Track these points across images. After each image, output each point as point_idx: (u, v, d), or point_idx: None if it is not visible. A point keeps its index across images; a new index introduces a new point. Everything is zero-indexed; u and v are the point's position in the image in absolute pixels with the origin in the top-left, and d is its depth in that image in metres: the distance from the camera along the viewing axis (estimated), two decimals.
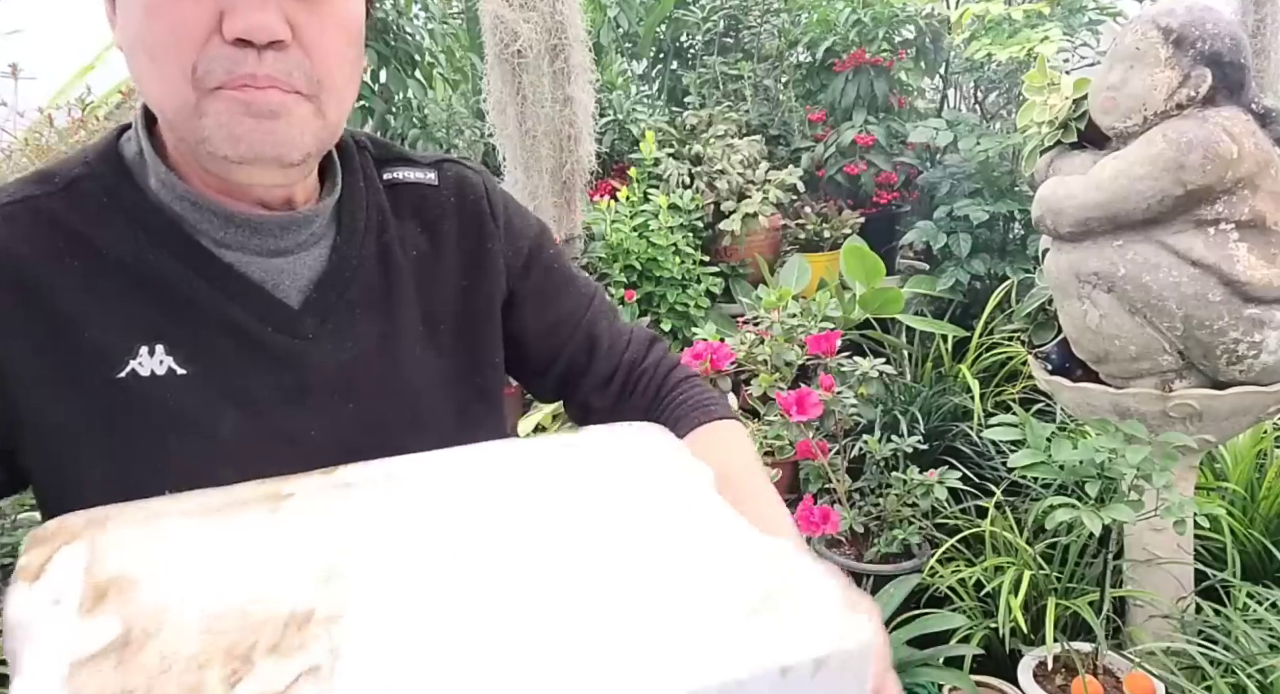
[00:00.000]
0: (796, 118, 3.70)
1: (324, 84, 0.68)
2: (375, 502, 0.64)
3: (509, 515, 0.63)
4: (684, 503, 0.64)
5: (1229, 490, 2.17)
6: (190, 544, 0.58)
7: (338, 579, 0.55)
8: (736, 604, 0.53)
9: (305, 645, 0.49)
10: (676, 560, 0.58)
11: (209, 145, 0.66)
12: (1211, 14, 1.66)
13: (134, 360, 0.68)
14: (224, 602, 0.52)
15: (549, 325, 0.90)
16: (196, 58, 0.64)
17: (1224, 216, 1.63)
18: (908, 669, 1.80)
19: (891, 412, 2.58)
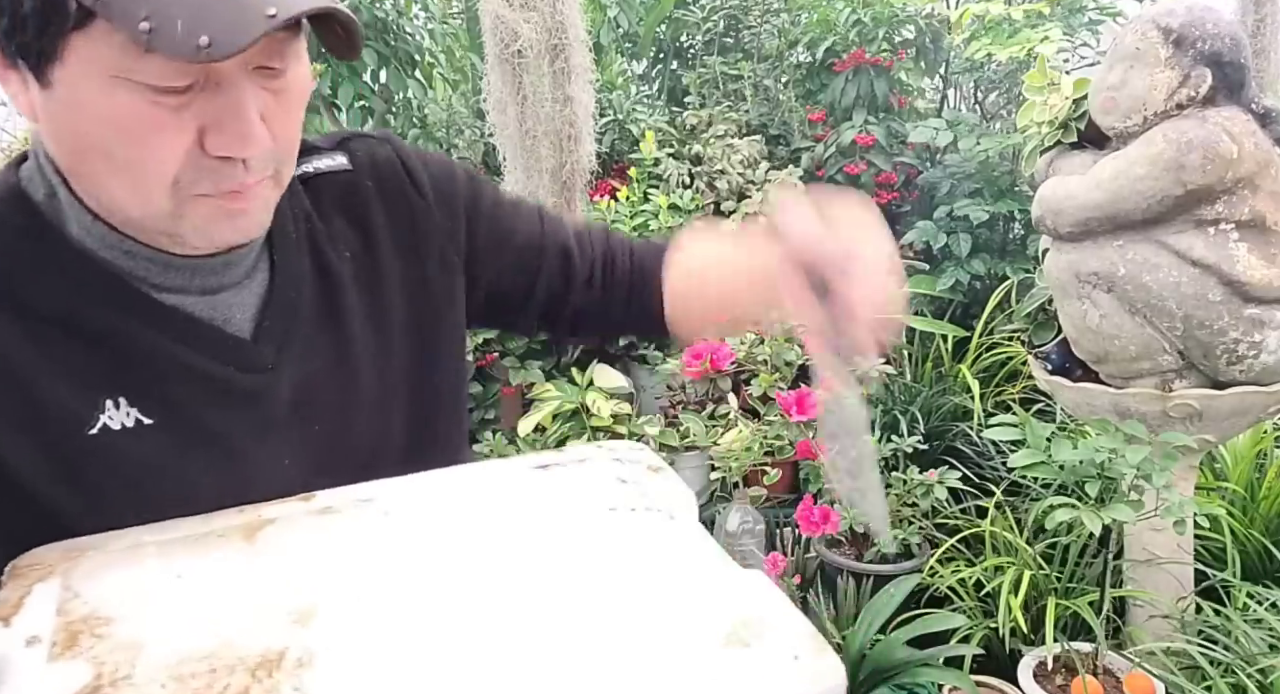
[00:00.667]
0: (796, 118, 3.70)
1: (285, 158, 0.68)
2: (353, 529, 0.64)
3: (483, 544, 0.62)
4: (658, 530, 0.63)
5: (1229, 490, 2.17)
6: (166, 579, 0.58)
7: (311, 618, 0.54)
8: (713, 633, 0.51)
9: (276, 690, 0.48)
10: (649, 590, 0.57)
11: (182, 240, 0.65)
12: (1211, 14, 1.66)
13: (103, 415, 0.65)
14: (196, 643, 0.52)
15: (515, 262, 0.89)
16: (178, 172, 0.61)
17: (1224, 217, 1.63)
18: (908, 669, 1.80)
19: (891, 411, 2.58)
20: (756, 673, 0.48)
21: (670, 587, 0.56)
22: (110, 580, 0.57)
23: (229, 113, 0.60)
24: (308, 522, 0.64)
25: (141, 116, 0.58)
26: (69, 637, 0.52)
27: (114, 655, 0.50)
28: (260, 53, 0.60)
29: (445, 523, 0.64)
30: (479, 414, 2.96)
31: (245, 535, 0.62)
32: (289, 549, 0.61)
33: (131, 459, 0.66)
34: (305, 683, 0.48)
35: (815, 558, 2.29)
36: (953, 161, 3.35)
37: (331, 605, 0.55)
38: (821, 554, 2.25)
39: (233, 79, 0.60)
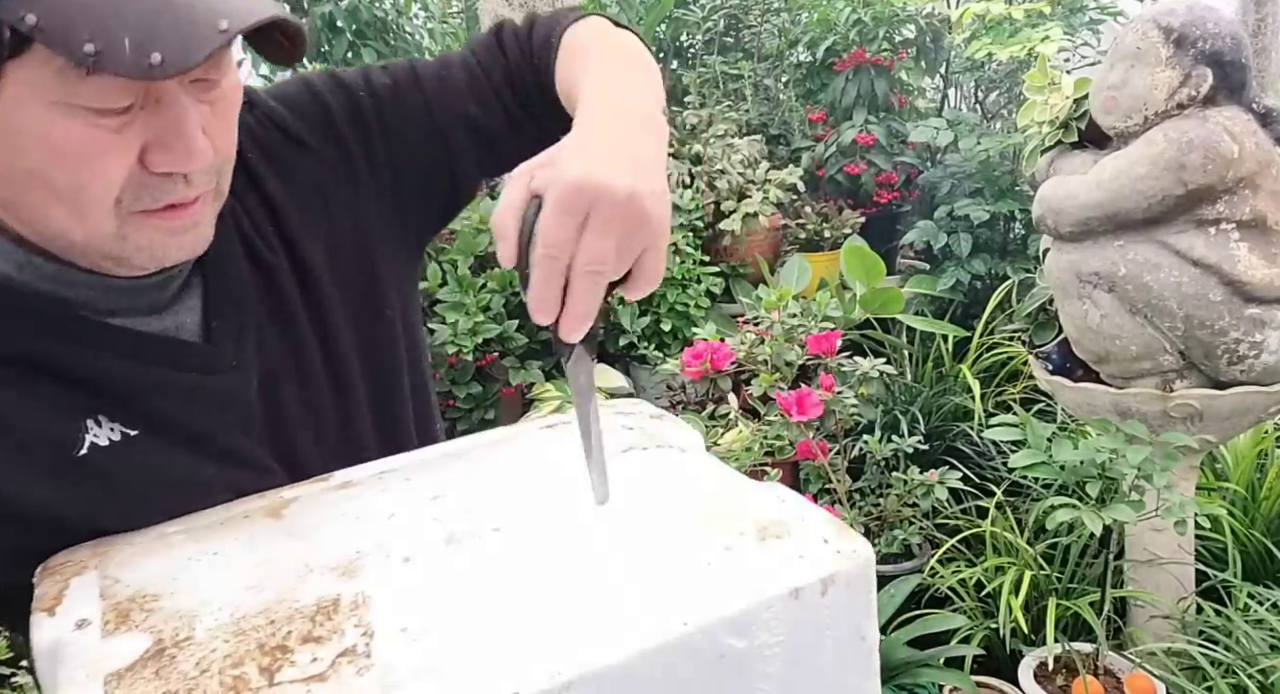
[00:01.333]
0: (797, 117, 3.70)
1: (224, 169, 0.67)
2: (377, 496, 0.65)
3: (511, 489, 0.64)
4: (674, 461, 0.66)
5: (1230, 490, 2.17)
6: (203, 557, 0.59)
7: (356, 570, 0.56)
8: (744, 536, 0.56)
9: (339, 630, 0.50)
10: (681, 506, 0.60)
11: (127, 262, 0.64)
12: (1212, 14, 1.66)
13: (88, 434, 0.65)
14: (248, 604, 0.53)
15: (424, 154, 0.83)
16: (120, 192, 0.60)
17: (1225, 216, 1.62)
18: (908, 669, 1.80)
19: (892, 412, 2.58)
20: (796, 557, 0.53)
21: (700, 500, 0.61)
22: (147, 565, 0.58)
23: (171, 129, 0.59)
24: (329, 496, 0.66)
25: (83, 140, 0.57)
26: (119, 615, 0.53)
27: (169, 624, 0.52)
28: (199, 69, 0.59)
29: (468, 479, 0.66)
30: (479, 414, 2.96)
31: (270, 514, 0.64)
32: (317, 519, 0.62)
33: (129, 469, 0.66)
34: (365, 618, 0.50)
35: None
36: (953, 161, 3.34)
37: (373, 557, 0.57)
38: None
39: (173, 95, 0.59)
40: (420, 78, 0.82)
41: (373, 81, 0.81)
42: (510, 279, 2.98)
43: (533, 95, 0.81)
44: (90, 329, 0.66)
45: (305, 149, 0.78)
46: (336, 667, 0.47)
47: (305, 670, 0.47)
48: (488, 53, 0.83)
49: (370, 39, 3.38)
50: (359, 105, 0.80)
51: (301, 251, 0.76)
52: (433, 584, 0.54)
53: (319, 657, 0.48)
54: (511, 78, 0.82)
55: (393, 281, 0.83)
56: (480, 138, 0.83)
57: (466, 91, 0.82)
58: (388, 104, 0.81)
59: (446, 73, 0.82)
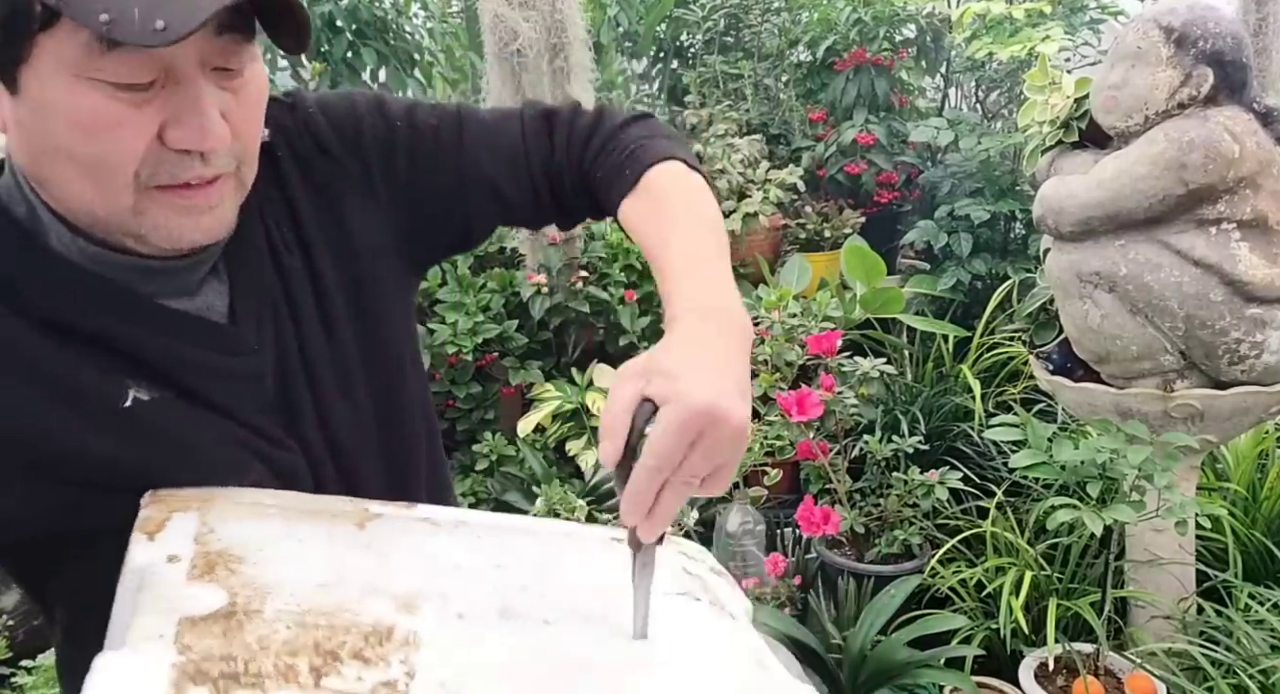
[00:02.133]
0: (797, 117, 3.70)
1: (246, 158, 0.70)
2: (450, 544, 0.68)
3: (567, 590, 0.66)
4: (725, 625, 0.67)
5: (1231, 491, 2.16)
6: (289, 537, 0.63)
7: (414, 608, 0.59)
8: None
9: (386, 659, 0.53)
10: (716, 668, 0.61)
11: (145, 240, 0.67)
12: (1213, 13, 1.66)
13: (131, 390, 0.69)
14: (316, 600, 0.57)
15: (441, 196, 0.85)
16: (138, 166, 0.63)
17: (1226, 216, 1.62)
18: (909, 670, 1.80)
19: (892, 412, 2.58)
20: None
21: (736, 673, 0.61)
22: (241, 527, 0.62)
23: (188, 107, 0.63)
24: (410, 525, 0.69)
25: (104, 113, 0.61)
26: (207, 564, 0.57)
27: (245, 590, 0.56)
28: (217, 54, 0.64)
29: (532, 560, 0.68)
30: (479, 414, 2.96)
31: (356, 522, 0.67)
32: (395, 544, 0.66)
33: (171, 424, 0.70)
34: (411, 658, 0.53)
35: (816, 558, 2.28)
36: (954, 161, 3.34)
37: (433, 602, 0.60)
38: (822, 555, 2.24)
39: (191, 77, 0.63)
40: (464, 133, 0.85)
41: (416, 118, 0.84)
42: (510, 279, 2.98)
43: (569, 195, 0.85)
44: (128, 302, 0.70)
45: (331, 158, 0.81)
46: (375, 692, 0.50)
47: (349, 685, 0.50)
48: (535, 136, 0.85)
49: (370, 39, 3.37)
50: (394, 136, 0.83)
51: (314, 256, 0.80)
52: (477, 650, 0.56)
53: (363, 677, 0.51)
54: (550, 172, 0.85)
55: (394, 295, 0.85)
56: (503, 206, 0.86)
57: (504, 164, 0.84)
58: (423, 145, 0.83)
59: (491, 139, 0.85)
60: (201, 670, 0.49)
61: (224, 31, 0.64)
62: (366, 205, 0.82)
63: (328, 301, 0.79)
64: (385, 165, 0.82)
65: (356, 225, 0.81)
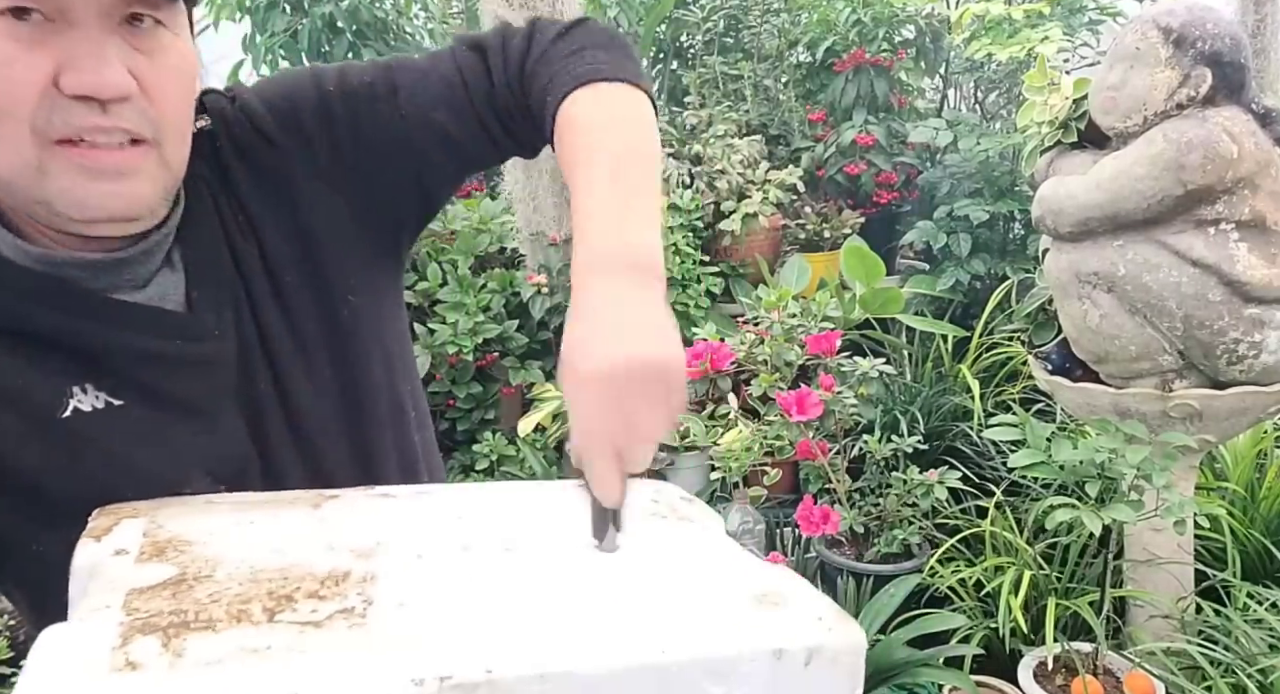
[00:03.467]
0: (796, 118, 3.70)
1: (166, 131, 0.67)
2: (410, 507, 0.68)
3: (532, 525, 0.66)
4: (694, 532, 0.68)
5: (1229, 490, 2.17)
6: (240, 524, 0.63)
7: (372, 554, 0.59)
8: (742, 598, 0.56)
9: (343, 594, 0.54)
10: (686, 563, 0.62)
11: (54, 207, 0.65)
12: (1211, 14, 1.66)
13: (73, 400, 0.68)
14: (269, 561, 0.57)
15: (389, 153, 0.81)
16: (33, 113, 0.62)
17: (1224, 216, 1.63)
18: (908, 669, 1.80)
19: (891, 412, 2.58)
20: (786, 624, 0.54)
21: (707, 563, 0.62)
22: (191, 520, 0.63)
23: (84, 51, 0.62)
24: (368, 501, 0.70)
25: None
26: (155, 549, 0.58)
27: (195, 563, 0.57)
28: (121, 2, 0.62)
29: (496, 509, 0.69)
30: (479, 414, 2.96)
31: (311, 503, 0.68)
32: (351, 515, 0.66)
33: (110, 437, 0.69)
34: (369, 591, 0.54)
35: (815, 558, 2.29)
36: (953, 161, 3.34)
37: (392, 548, 0.60)
38: (821, 554, 2.25)
39: (87, 22, 0.62)
40: (397, 82, 0.80)
41: (348, 80, 0.81)
42: (510, 279, 2.99)
43: (519, 123, 0.80)
44: (77, 298, 0.69)
45: (272, 145, 0.78)
46: (332, 620, 0.51)
47: (303, 617, 0.51)
48: (471, 70, 0.80)
49: (370, 39, 3.37)
50: (329, 104, 0.79)
51: (268, 243, 0.78)
52: (439, 577, 0.57)
53: (319, 610, 0.52)
54: (495, 104, 0.80)
55: (359, 276, 0.83)
56: (452, 149, 0.81)
57: (444, 106, 0.80)
58: (360, 104, 0.80)
59: (424, 81, 0.80)
60: (150, 624, 0.49)
61: None
62: (316, 186, 0.79)
63: (284, 287, 0.78)
64: (327, 137, 0.79)
65: (308, 209, 0.79)
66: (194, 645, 0.47)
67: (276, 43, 3.34)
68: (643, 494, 0.73)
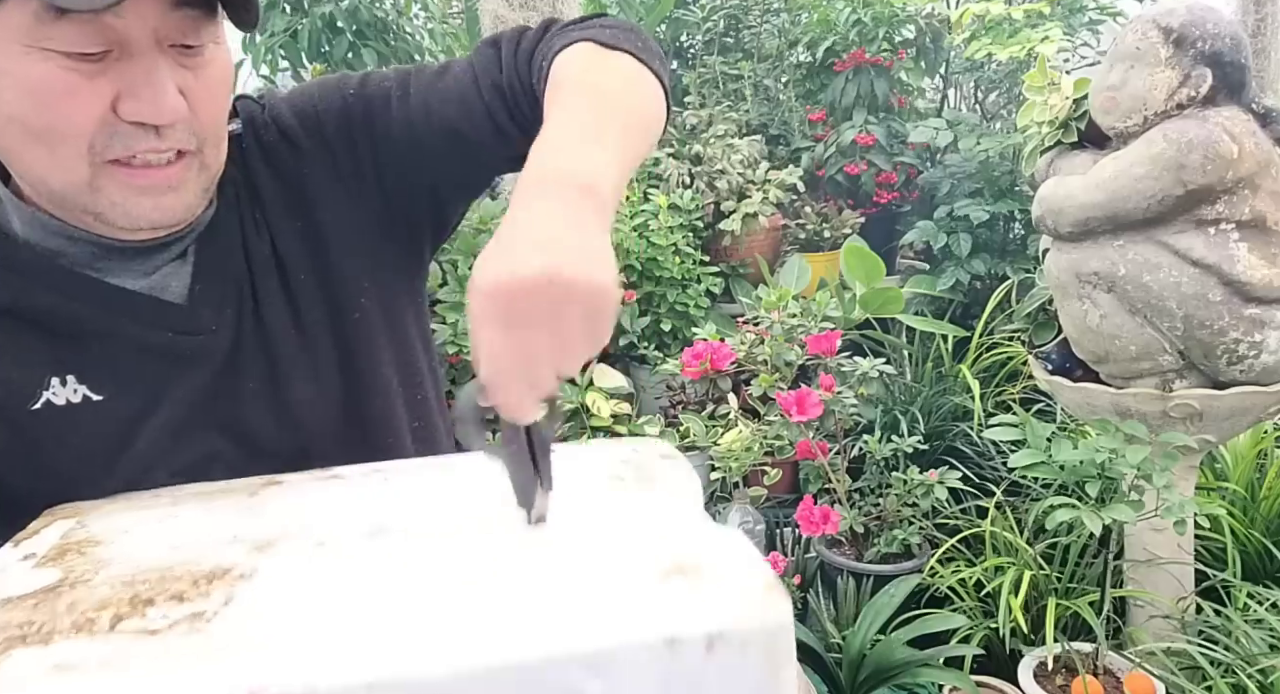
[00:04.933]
0: (796, 117, 3.70)
1: (208, 138, 0.70)
2: (351, 490, 0.67)
3: (470, 501, 0.63)
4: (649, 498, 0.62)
5: (1229, 490, 2.17)
6: (165, 517, 0.62)
7: (270, 546, 0.57)
8: (648, 574, 0.50)
9: (206, 595, 0.52)
10: (613, 537, 0.56)
11: (105, 218, 0.67)
12: (1212, 14, 1.66)
13: (47, 391, 0.68)
14: (156, 560, 0.56)
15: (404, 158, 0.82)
16: (91, 137, 0.64)
17: (1224, 216, 1.63)
18: (908, 669, 1.80)
19: (891, 412, 2.58)
20: (689, 603, 0.47)
21: (638, 534, 0.56)
22: (118, 517, 0.62)
23: (142, 80, 0.63)
24: (312, 485, 0.68)
25: (56, 82, 0.62)
26: (58, 553, 0.58)
27: (83, 566, 0.56)
28: (174, 29, 0.64)
29: (442, 491, 0.66)
30: None
31: (250, 492, 0.67)
32: (282, 503, 0.65)
33: (80, 432, 0.69)
34: (236, 590, 0.52)
35: (815, 558, 2.29)
36: (953, 161, 3.34)
37: (295, 538, 0.58)
38: (821, 554, 2.25)
39: (145, 50, 0.64)
40: (412, 85, 0.82)
41: (368, 85, 0.83)
42: None
43: (524, 108, 0.79)
44: (73, 281, 0.70)
45: (297, 149, 0.81)
46: (174, 627, 0.49)
47: (146, 625, 0.49)
48: (484, 60, 0.81)
49: (370, 39, 3.37)
50: (349, 108, 0.82)
51: (282, 244, 0.79)
52: (325, 570, 0.55)
53: (168, 615, 0.50)
54: (504, 95, 0.79)
55: (375, 284, 0.83)
56: (463, 147, 0.81)
57: (455, 102, 0.80)
58: (376, 110, 0.82)
59: (440, 80, 0.81)
60: None
61: (179, 6, 0.64)
62: (336, 189, 0.81)
63: (295, 286, 0.79)
64: (345, 141, 0.81)
65: (326, 211, 0.81)
66: (11, 663, 0.46)
67: (276, 43, 3.34)
68: (617, 455, 0.68)
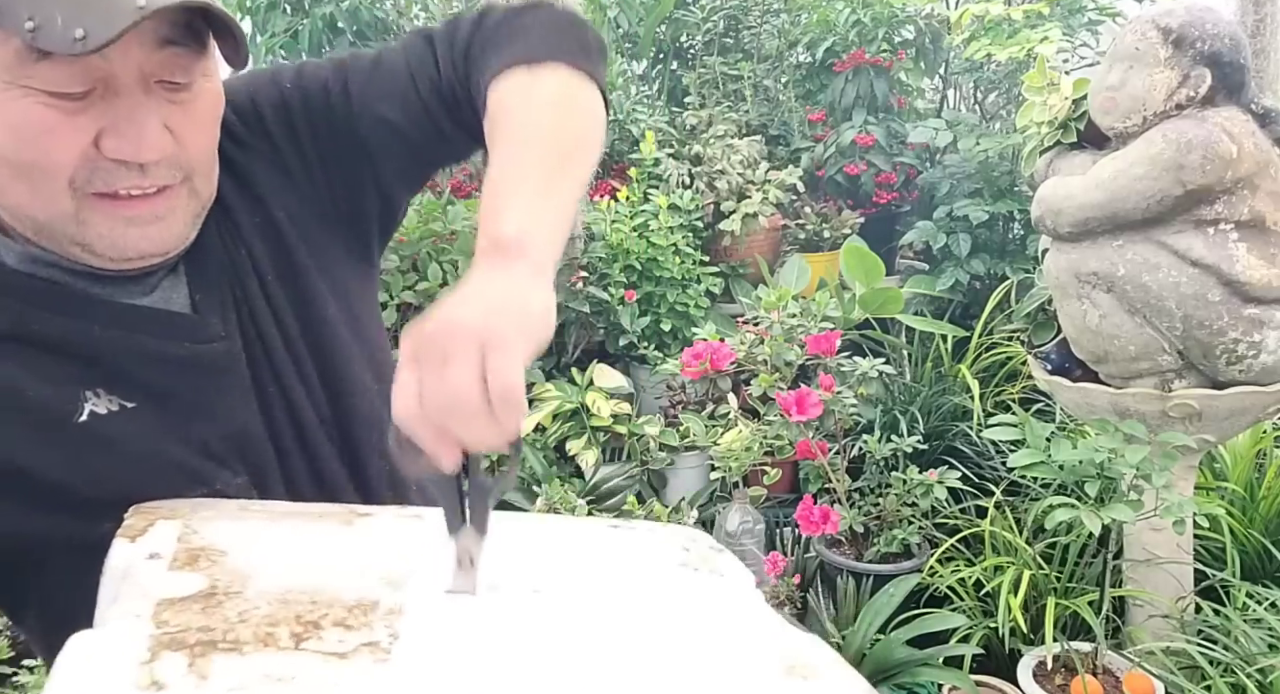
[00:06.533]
0: (796, 118, 3.70)
1: (197, 169, 0.69)
2: (440, 533, 0.66)
3: (565, 565, 0.65)
4: (724, 587, 0.66)
5: (1228, 490, 2.17)
6: (274, 534, 0.63)
7: (402, 583, 0.59)
8: (772, 667, 0.54)
9: (369, 625, 0.53)
10: (716, 626, 0.60)
11: (93, 249, 0.67)
12: (1211, 14, 1.66)
13: (88, 404, 0.68)
14: (299, 581, 0.57)
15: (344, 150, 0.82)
16: (73, 173, 0.63)
17: (1223, 217, 1.63)
18: (907, 669, 1.80)
19: (891, 412, 2.58)
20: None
21: (737, 626, 0.60)
22: (226, 527, 0.63)
23: (125, 118, 0.63)
24: (401, 522, 0.69)
25: (37, 120, 0.61)
26: (189, 557, 0.58)
27: (227, 576, 0.56)
28: (160, 67, 0.64)
29: (528, 549, 0.68)
30: None
31: (343, 520, 0.67)
32: (383, 535, 0.66)
33: (130, 437, 0.69)
34: (395, 625, 0.54)
35: (815, 558, 2.29)
36: (952, 162, 3.35)
37: (422, 578, 0.60)
38: (821, 554, 2.25)
39: (130, 89, 0.63)
40: (349, 78, 0.81)
41: (304, 77, 0.82)
42: None
43: (463, 109, 0.79)
44: (83, 304, 0.70)
45: (243, 146, 0.80)
46: (358, 652, 0.51)
47: (330, 647, 0.51)
48: (419, 60, 0.80)
49: (371, 40, 3.37)
50: (287, 101, 0.81)
51: (252, 246, 0.79)
52: (464, 617, 0.56)
53: (345, 640, 0.52)
54: (442, 94, 0.79)
55: (333, 280, 0.83)
56: (403, 143, 0.81)
57: (391, 98, 0.80)
58: (314, 101, 0.81)
59: (374, 75, 0.81)
60: (177, 640, 0.49)
61: (166, 45, 0.64)
62: (284, 185, 0.81)
63: (270, 289, 0.79)
64: (288, 135, 0.81)
65: (278, 209, 0.80)
66: (220, 667, 0.47)
67: (277, 43, 3.34)
68: (674, 541, 0.72)
